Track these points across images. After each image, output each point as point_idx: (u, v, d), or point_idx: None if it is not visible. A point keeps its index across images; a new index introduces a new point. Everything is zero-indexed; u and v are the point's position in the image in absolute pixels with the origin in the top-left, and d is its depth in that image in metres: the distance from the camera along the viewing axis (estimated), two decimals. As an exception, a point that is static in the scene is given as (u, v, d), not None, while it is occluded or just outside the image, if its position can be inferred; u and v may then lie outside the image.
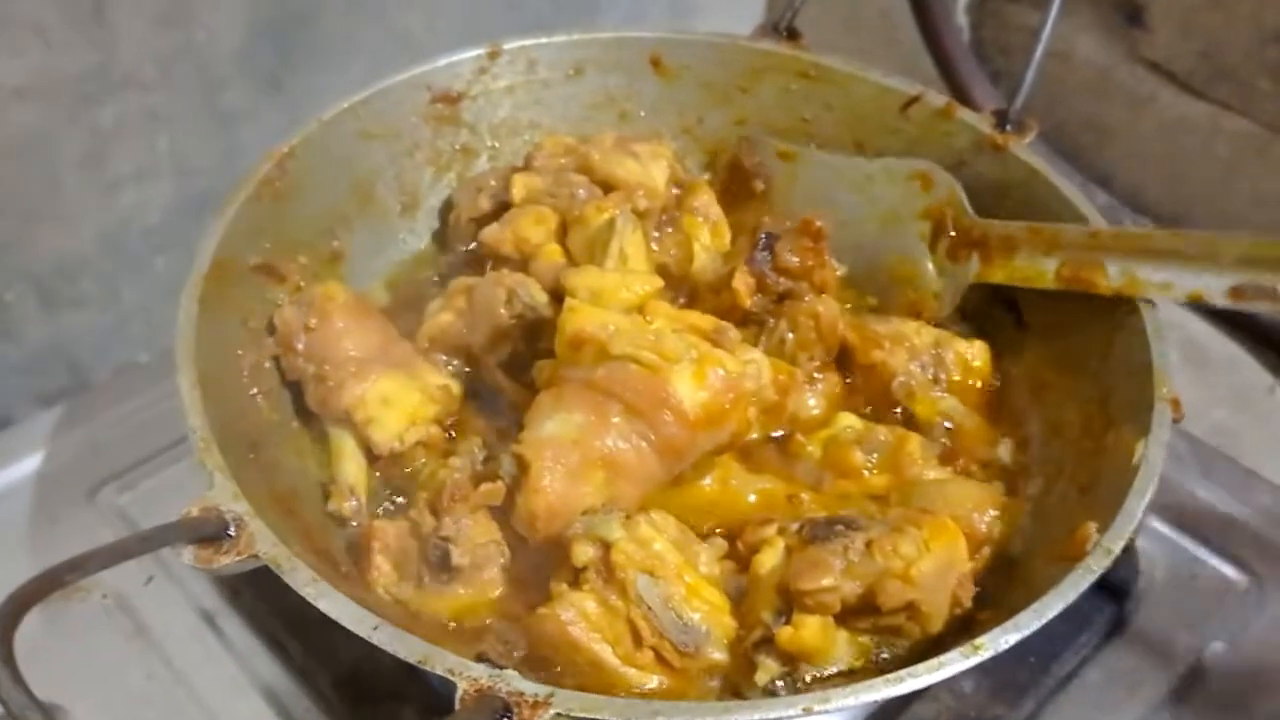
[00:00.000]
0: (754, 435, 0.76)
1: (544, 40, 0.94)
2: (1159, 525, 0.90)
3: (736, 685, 0.66)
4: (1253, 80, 1.23)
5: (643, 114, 0.98)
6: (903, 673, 0.57)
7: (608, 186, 0.89)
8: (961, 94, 1.29)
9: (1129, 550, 0.63)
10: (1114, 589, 0.83)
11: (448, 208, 0.94)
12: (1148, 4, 1.30)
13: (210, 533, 0.59)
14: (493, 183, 0.91)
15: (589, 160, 0.88)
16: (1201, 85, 1.28)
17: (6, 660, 0.45)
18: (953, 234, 0.86)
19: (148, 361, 1.12)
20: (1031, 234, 0.81)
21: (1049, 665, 0.80)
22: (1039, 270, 0.81)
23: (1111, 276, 0.77)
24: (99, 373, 1.11)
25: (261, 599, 0.83)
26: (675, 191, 0.91)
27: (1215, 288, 0.74)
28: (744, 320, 0.83)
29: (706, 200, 0.90)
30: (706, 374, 0.70)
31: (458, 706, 0.54)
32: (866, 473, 0.75)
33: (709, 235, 0.88)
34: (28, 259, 1.01)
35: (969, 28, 1.48)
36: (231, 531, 0.59)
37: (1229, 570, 0.88)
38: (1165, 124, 1.32)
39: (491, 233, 0.86)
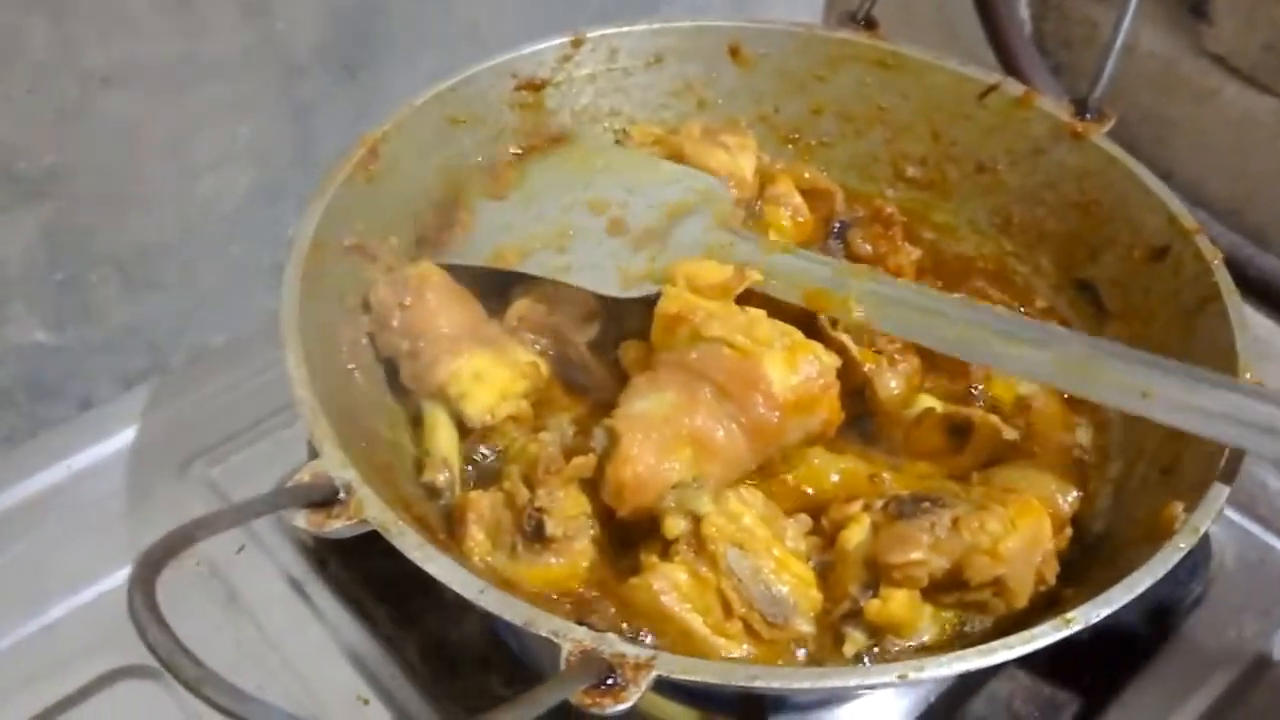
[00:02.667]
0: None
1: (625, 29, 0.96)
2: (1229, 512, 0.91)
3: (822, 657, 0.67)
4: (1318, 75, 1.23)
5: (720, 102, 0.99)
6: (996, 643, 0.58)
7: None
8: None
9: (1207, 535, 0.64)
10: (1187, 573, 0.84)
11: None
12: (1212, -3, 1.30)
13: (321, 498, 0.61)
14: None
15: (681, 150, 0.90)
16: (1266, 79, 1.27)
17: (150, 608, 0.47)
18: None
19: (223, 343, 1.15)
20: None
21: (1118, 654, 0.82)
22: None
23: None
24: (175, 354, 1.14)
25: (348, 568, 0.86)
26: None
27: None
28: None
29: (787, 189, 0.91)
30: (798, 360, 0.71)
31: (563, 667, 0.55)
32: (949, 453, 0.76)
33: (790, 223, 0.89)
34: (112, 243, 1.04)
35: (1030, 20, 1.48)
36: (341, 497, 0.61)
37: (1298, 557, 0.89)
38: (1228, 118, 1.32)
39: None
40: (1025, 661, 0.80)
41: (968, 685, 0.80)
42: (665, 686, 0.75)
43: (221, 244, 1.12)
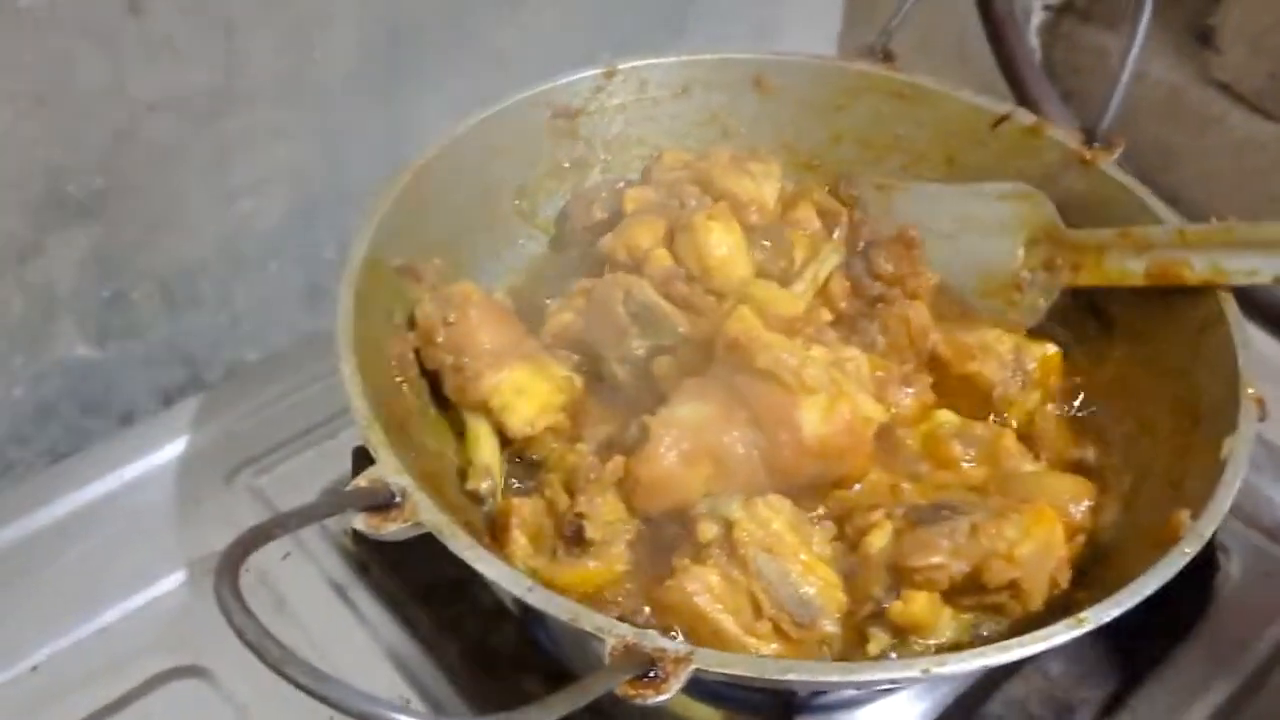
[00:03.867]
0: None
1: (655, 61, 1.00)
2: (1236, 524, 0.94)
3: (847, 656, 0.70)
4: (1323, 102, 1.26)
5: (743, 130, 1.03)
6: (1011, 641, 0.61)
7: (721, 200, 0.94)
8: (1034, 113, 1.33)
9: (1210, 545, 0.68)
10: (1194, 583, 0.87)
11: (563, 217, 1.00)
12: (1219, 25, 1.33)
13: (377, 502, 0.65)
14: (604, 195, 0.98)
15: (708, 175, 0.94)
16: (1272, 106, 1.30)
17: (235, 595, 0.51)
18: (1048, 245, 0.91)
19: (257, 359, 1.18)
20: (1120, 238, 0.87)
21: (1132, 653, 0.85)
22: (1127, 271, 0.86)
23: (1197, 269, 0.83)
24: (212, 369, 1.17)
25: (390, 574, 0.89)
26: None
27: None
28: (837, 323, 0.88)
29: (807, 214, 0.95)
30: (836, 411, 0.73)
31: (607, 661, 0.58)
32: (965, 464, 0.80)
33: (809, 246, 0.93)
34: (154, 261, 1.07)
35: (1041, 48, 1.51)
36: (396, 500, 0.65)
37: (1302, 568, 0.92)
38: (1234, 144, 1.35)
39: (607, 241, 0.92)
40: (1040, 664, 0.84)
41: (984, 687, 0.83)
42: (695, 687, 0.79)
43: (258, 264, 1.15)
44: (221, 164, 1.07)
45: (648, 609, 0.73)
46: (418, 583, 0.88)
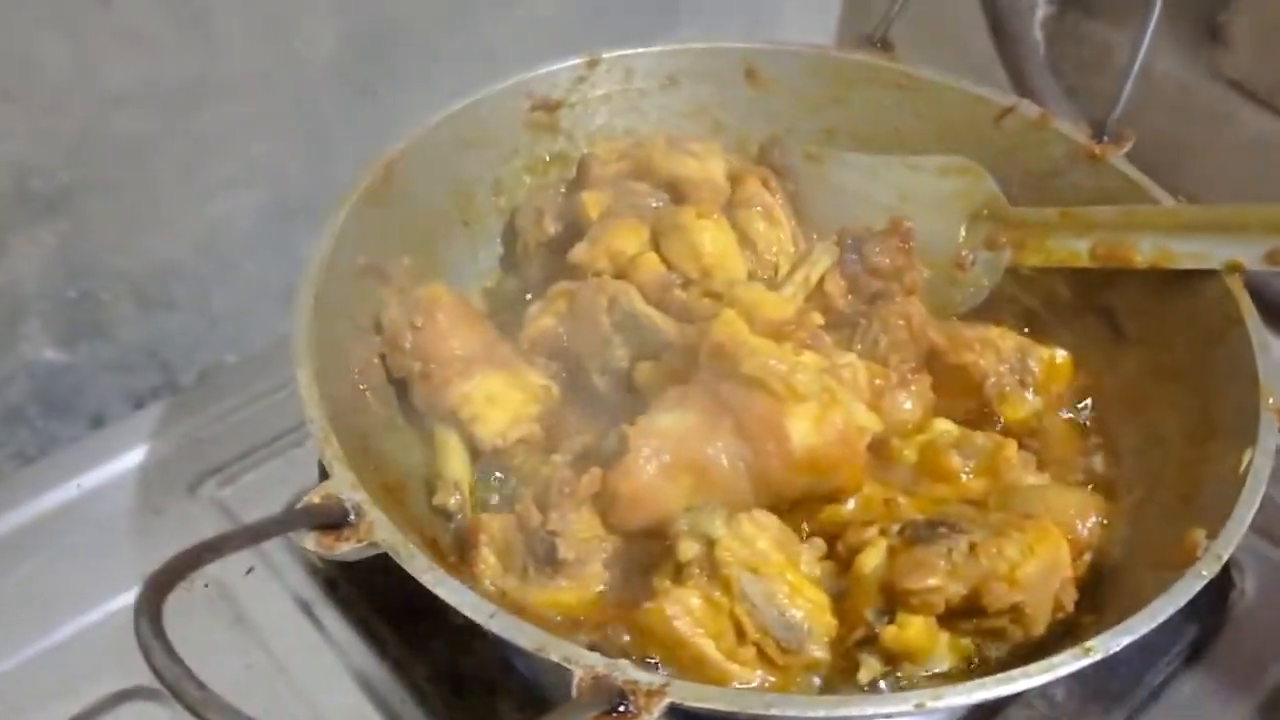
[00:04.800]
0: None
1: (640, 50, 0.96)
2: (1252, 538, 0.90)
3: (837, 683, 0.67)
4: (1334, 99, 1.23)
5: (734, 123, 1.00)
6: (1015, 672, 0.57)
7: (671, 188, 0.91)
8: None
9: (1226, 561, 0.64)
10: (1207, 602, 0.83)
11: (511, 235, 0.96)
12: (1228, 21, 1.30)
13: (331, 520, 0.61)
14: (555, 203, 0.93)
15: (650, 162, 0.90)
16: (1281, 103, 1.27)
17: (156, 633, 0.47)
18: (990, 222, 0.89)
19: (235, 362, 1.15)
20: (1064, 217, 0.86)
21: (1141, 675, 0.81)
22: (1072, 251, 0.85)
23: (1144, 252, 0.81)
24: (187, 373, 1.14)
25: (358, 591, 0.86)
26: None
27: (1250, 254, 0.77)
28: (834, 325, 0.84)
29: (755, 190, 0.91)
30: (827, 420, 0.70)
31: (574, 694, 0.55)
32: (964, 476, 0.75)
33: (764, 224, 0.89)
34: (126, 261, 1.04)
35: (1044, 43, 1.48)
36: (351, 519, 0.61)
37: (1320, 585, 0.88)
38: (1244, 142, 1.32)
39: (581, 251, 0.87)
40: (1044, 688, 0.80)
41: (984, 713, 0.79)
42: (678, 716, 0.75)
43: (235, 263, 1.12)
44: (196, 160, 1.04)
45: (626, 636, 0.68)
46: (387, 600, 0.84)
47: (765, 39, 1.00)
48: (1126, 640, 0.59)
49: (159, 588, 0.49)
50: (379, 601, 0.84)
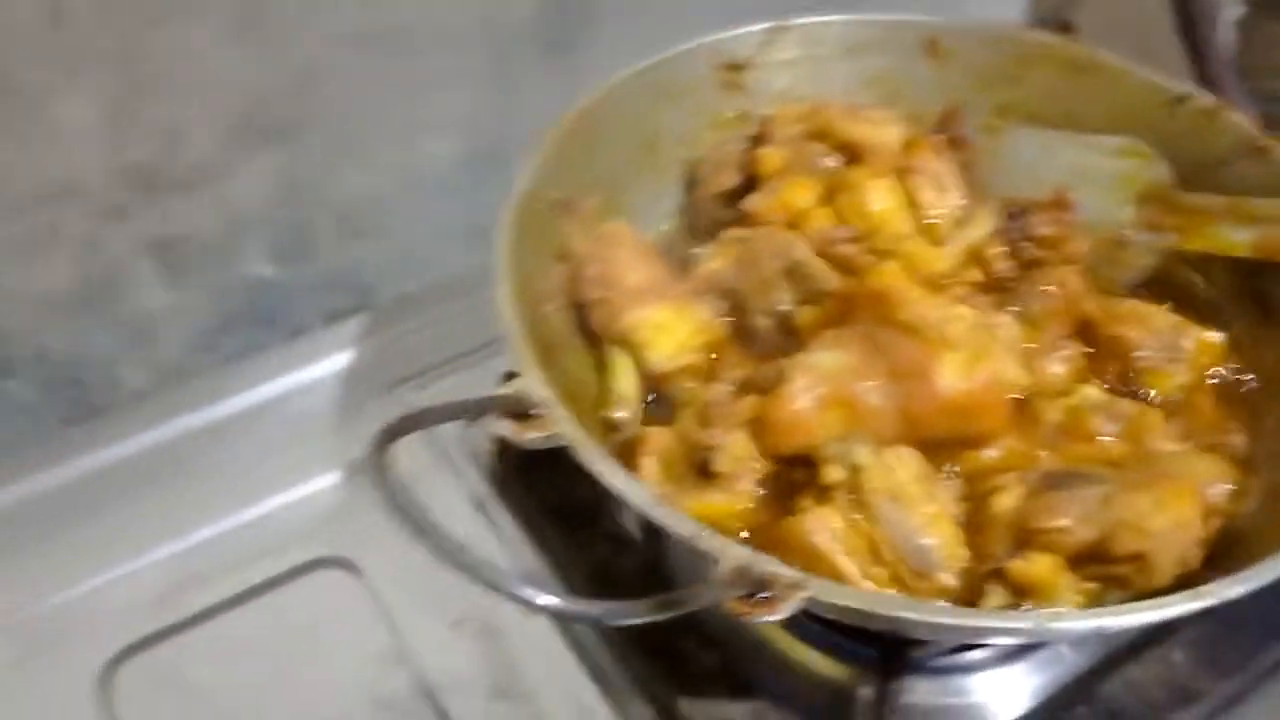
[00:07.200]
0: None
1: (828, 19, 1.00)
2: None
3: (964, 611, 0.71)
4: None
5: (909, 93, 1.02)
6: (1124, 606, 0.62)
7: (847, 149, 0.94)
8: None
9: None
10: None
11: (690, 183, 1.00)
12: None
13: (521, 410, 0.68)
14: (735, 157, 0.97)
15: (828, 124, 0.93)
16: None
17: (381, 466, 0.56)
18: (1156, 206, 0.89)
19: (416, 290, 1.21)
20: (1230, 207, 0.86)
21: (1262, 648, 0.83)
22: (1235, 241, 0.85)
23: None
24: (379, 296, 1.21)
25: (528, 492, 0.93)
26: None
27: None
28: (991, 288, 0.88)
29: (927, 157, 0.93)
30: (976, 369, 0.74)
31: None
32: (1106, 438, 0.78)
33: (932, 190, 0.91)
34: (333, 191, 1.11)
35: (1236, 45, 1.45)
36: (537, 412, 0.69)
37: None
38: None
39: (757, 201, 0.92)
40: (1164, 649, 0.82)
41: (1104, 667, 0.82)
42: (801, 629, 0.81)
43: (427, 202, 1.19)
44: (403, 103, 1.10)
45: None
46: (552, 503, 0.92)
47: (951, 15, 1.02)
48: (1241, 589, 0.61)
49: (388, 436, 0.58)
50: (546, 503, 0.92)
